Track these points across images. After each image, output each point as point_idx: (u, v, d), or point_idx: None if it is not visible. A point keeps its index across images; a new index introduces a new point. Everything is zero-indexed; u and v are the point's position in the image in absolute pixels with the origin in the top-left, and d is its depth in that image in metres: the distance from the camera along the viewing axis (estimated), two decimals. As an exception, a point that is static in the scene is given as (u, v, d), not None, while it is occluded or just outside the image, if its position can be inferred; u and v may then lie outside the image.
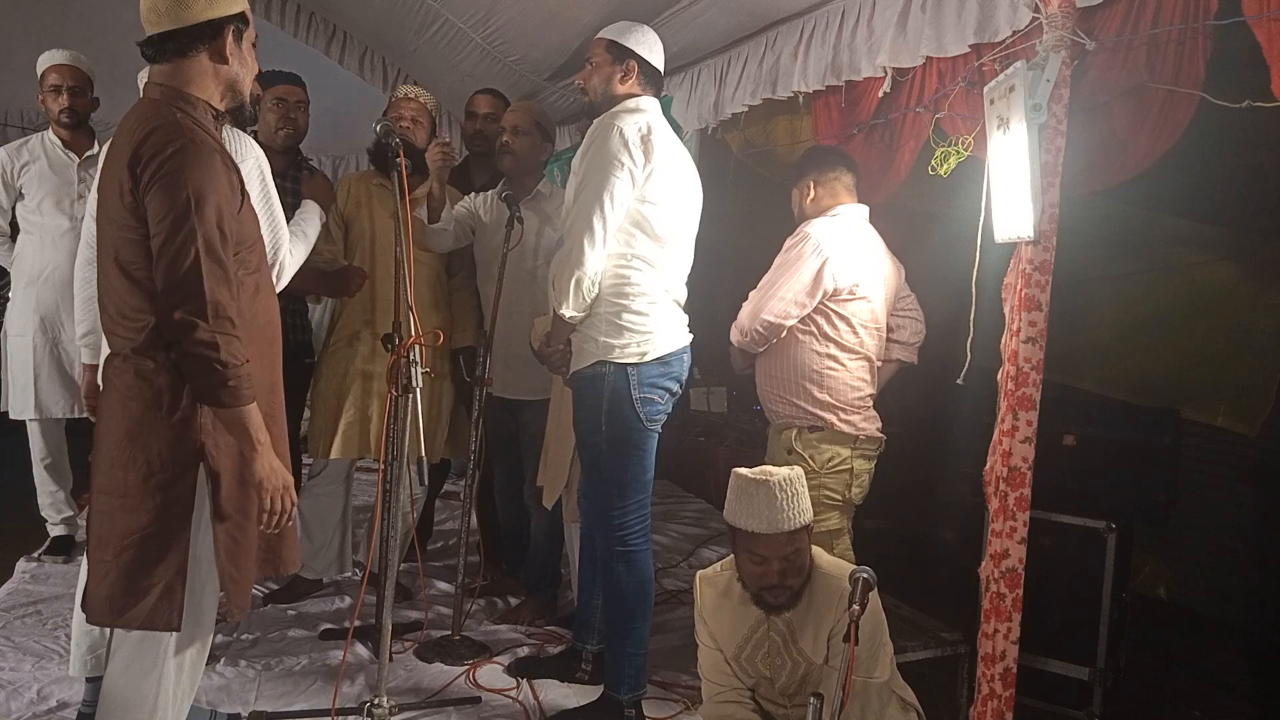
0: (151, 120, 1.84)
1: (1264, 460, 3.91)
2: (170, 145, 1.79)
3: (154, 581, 1.88)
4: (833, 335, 2.81)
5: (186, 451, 1.90)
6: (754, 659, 2.34)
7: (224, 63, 1.91)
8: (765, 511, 2.14)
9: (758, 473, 2.20)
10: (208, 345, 1.80)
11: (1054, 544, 3.06)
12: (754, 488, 2.17)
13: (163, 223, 1.80)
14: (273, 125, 3.33)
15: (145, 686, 1.95)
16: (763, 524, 2.14)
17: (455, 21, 4.22)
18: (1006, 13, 2.24)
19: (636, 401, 2.54)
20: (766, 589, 2.21)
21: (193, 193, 1.79)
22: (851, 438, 2.81)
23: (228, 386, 1.82)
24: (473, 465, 3.19)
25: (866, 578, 2.07)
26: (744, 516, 2.18)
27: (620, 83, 2.60)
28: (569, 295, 2.50)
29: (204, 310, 1.80)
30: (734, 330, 2.93)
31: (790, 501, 2.16)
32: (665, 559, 4.24)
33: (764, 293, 2.82)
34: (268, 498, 1.94)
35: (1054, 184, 2.11)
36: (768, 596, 2.22)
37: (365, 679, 2.83)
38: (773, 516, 2.14)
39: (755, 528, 2.15)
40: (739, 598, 2.31)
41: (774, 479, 2.17)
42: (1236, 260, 3.70)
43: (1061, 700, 3.08)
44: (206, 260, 1.80)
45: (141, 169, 1.80)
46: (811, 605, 2.26)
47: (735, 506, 2.21)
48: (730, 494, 2.23)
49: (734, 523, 2.21)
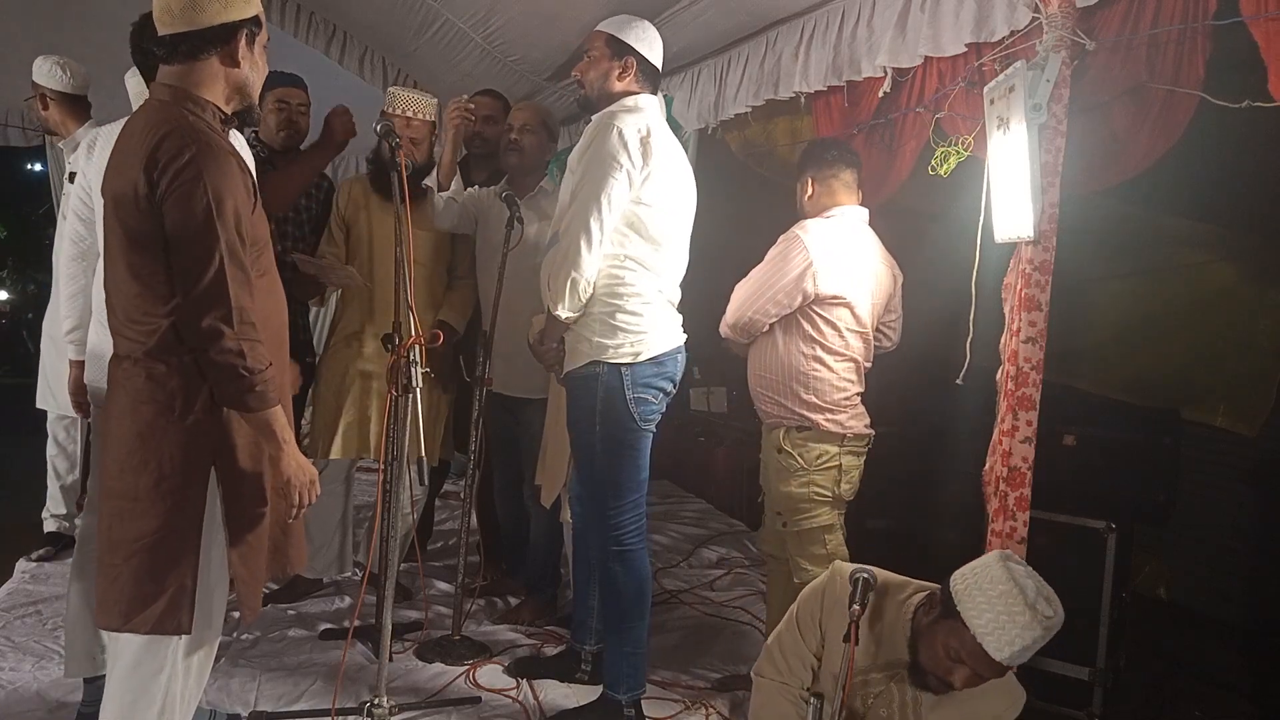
0: (164, 123, 1.82)
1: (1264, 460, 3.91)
2: (187, 150, 1.78)
3: (164, 586, 1.88)
4: (818, 338, 2.81)
5: (198, 455, 1.90)
6: (855, 692, 2.07)
7: (235, 66, 1.90)
8: (1015, 649, 1.79)
9: (1036, 600, 1.80)
10: (234, 353, 1.80)
11: (1054, 544, 3.06)
12: (1021, 609, 1.79)
13: (184, 229, 1.79)
14: (274, 127, 3.33)
15: (154, 688, 1.95)
16: (1002, 655, 1.80)
17: (455, 21, 4.22)
18: (1004, 12, 2.24)
19: (630, 401, 2.54)
20: (936, 679, 1.94)
21: (213, 198, 1.78)
22: (839, 436, 2.81)
23: (255, 391, 1.83)
24: (473, 465, 3.19)
25: (867, 578, 2.06)
26: (987, 631, 1.80)
27: (618, 79, 2.59)
28: (564, 295, 2.50)
29: (229, 317, 1.80)
30: (722, 323, 2.96)
31: (1039, 645, 1.82)
32: (665, 559, 4.24)
33: (747, 288, 2.85)
34: (295, 493, 1.96)
35: (1054, 184, 2.11)
36: (931, 682, 1.96)
37: (365, 679, 2.83)
38: (1016, 656, 1.80)
39: (990, 650, 1.80)
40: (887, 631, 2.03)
41: (1050, 617, 1.80)
42: (1236, 260, 3.70)
43: (1061, 700, 3.08)
44: (230, 266, 1.81)
45: (159, 174, 1.78)
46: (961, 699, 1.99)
47: (985, 613, 1.81)
48: (982, 586, 1.84)
49: (968, 623, 1.82)
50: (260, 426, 1.90)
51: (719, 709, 2.84)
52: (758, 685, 2.24)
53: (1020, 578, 1.83)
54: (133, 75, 2.53)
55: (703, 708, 2.83)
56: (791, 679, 2.16)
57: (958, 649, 1.86)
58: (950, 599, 1.88)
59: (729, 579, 4.07)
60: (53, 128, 3.61)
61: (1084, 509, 3.14)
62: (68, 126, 3.55)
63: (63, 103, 3.52)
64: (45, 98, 3.50)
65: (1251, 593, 3.98)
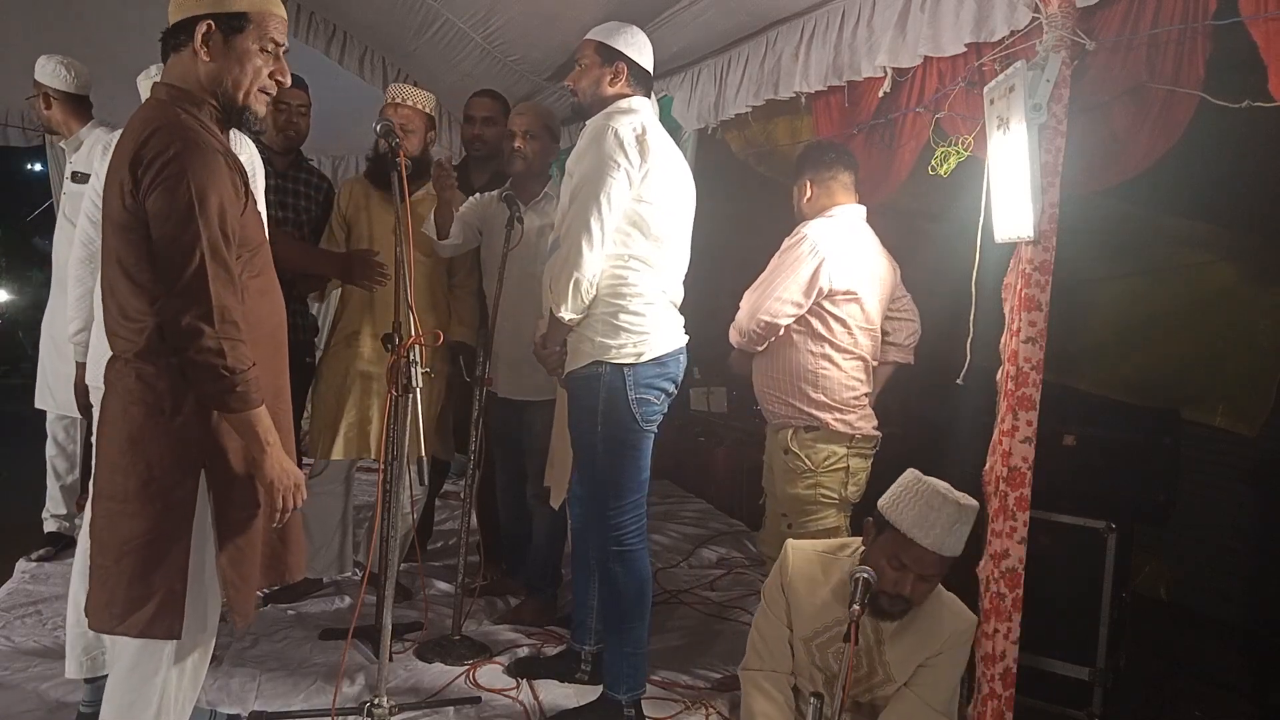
0: (153, 121, 1.83)
1: (1264, 460, 3.91)
2: (171, 146, 1.78)
3: (155, 589, 1.87)
4: (827, 336, 2.81)
5: (188, 457, 1.89)
6: (826, 650, 2.30)
7: (206, 58, 1.88)
8: (938, 530, 2.09)
9: (947, 490, 2.14)
10: (214, 352, 1.79)
11: (1054, 544, 3.06)
12: (939, 502, 2.11)
13: (165, 225, 1.78)
14: (275, 128, 3.33)
15: (149, 691, 1.95)
16: (930, 539, 2.09)
17: (455, 21, 4.22)
18: (1004, 12, 2.24)
19: (633, 402, 2.54)
20: (889, 595, 2.15)
21: (196, 194, 1.77)
22: (847, 437, 2.82)
23: (235, 392, 1.82)
24: (473, 465, 3.19)
25: (867, 578, 2.07)
26: (913, 524, 2.10)
27: (609, 85, 2.61)
28: (567, 297, 2.50)
29: (210, 315, 1.78)
30: (732, 330, 2.93)
31: (962, 530, 2.11)
32: (665, 559, 4.24)
33: (760, 292, 2.83)
34: (279, 497, 1.93)
35: (1054, 184, 2.11)
36: (885, 603, 2.16)
37: (365, 679, 2.83)
38: (942, 537, 2.09)
39: (919, 539, 2.09)
40: (839, 585, 2.27)
41: (963, 503, 2.11)
42: (1236, 260, 3.70)
43: (1061, 700, 3.08)
44: (211, 264, 1.79)
45: (143, 171, 1.78)
46: (915, 627, 2.24)
47: (907, 510, 2.12)
48: (904, 495, 2.16)
49: (896, 523, 2.13)
50: (243, 427, 1.87)
51: (719, 709, 2.84)
52: (744, 679, 2.38)
53: (933, 481, 2.15)
54: (144, 77, 2.54)
55: (703, 708, 2.83)
56: (776, 664, 2.33)
57: (897, 554, 2.12)
58: (881, 518, 2.18)
59: (729, 579, 4.08)
60: (55, 127, 3.61)
61: (1084, 509, 3.14)
62: (70, 126, 3.56)
63: (65, 102, 3.52)
64: (48, 97, 3.51)
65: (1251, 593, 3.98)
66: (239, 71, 1.91)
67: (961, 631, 2.22)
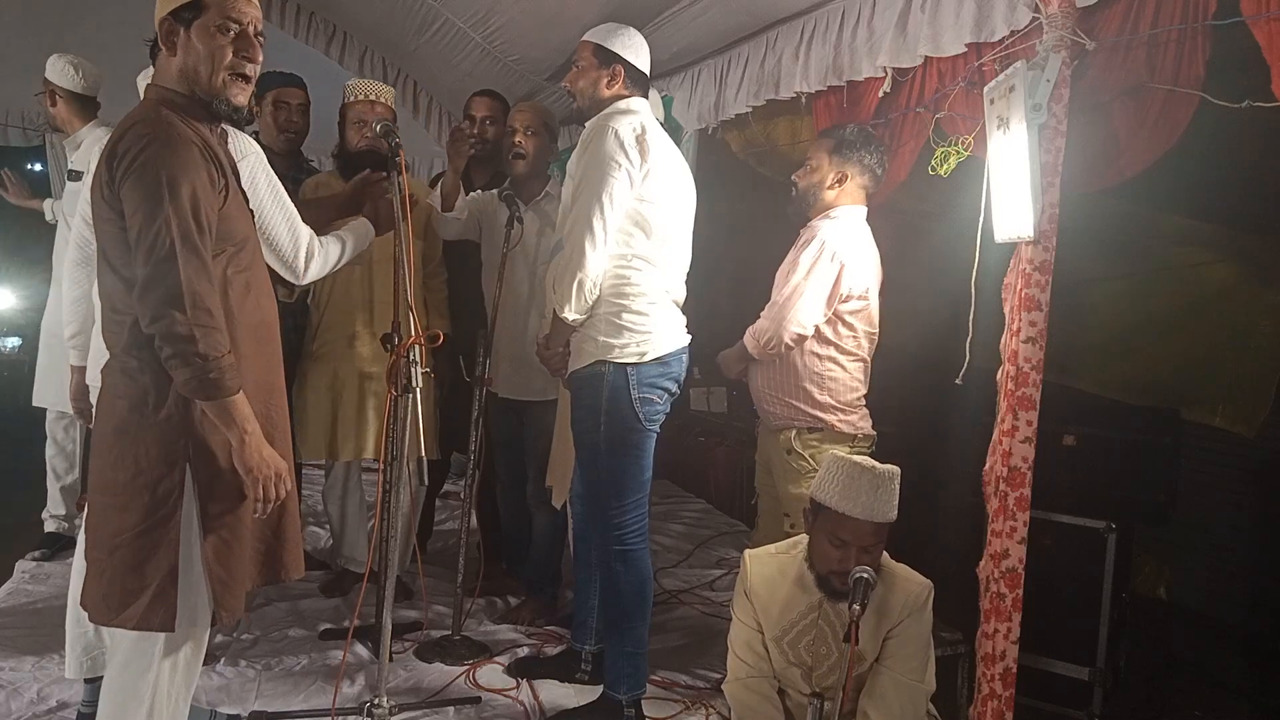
0: (133, 118, 1.86)
1: (1264, 460, 3.91)
2: (143, 139, 1.80)
3: (147, 582, 1.88)
4: (834, 339, 2.80)
5: (173, 451, 1.89)
6: (798, 644, 2.33)
7: (173, 54, 1.90)
8: (863, 498, 2.15)
9: (863, 460, 2.22)
10: (185, 338, 1.78)
11: (1054, 544, 3.06)
12: (858, 473, 2.18)
13: (136, 214, 1.79)
14: (274, 127, 3.33)
15: (141, 686, 1.95)
16: (858, 509, 2.15)
17: (455, 21, 4.22)
18: (1004, 13, 2.24)
19: (635, 401, 2.54)
20: (837, 574, 2.19)
21: (166, 182, 1.78)
22: (850, 437, 2.82)
23: (209, 378, 1.80)
24: (473, 465, 3.18)
25: (867, 578, 2.08)
26: (839, 498, 2.17)
27: (607, 87, 2.61)
28: (571, 297, 2.50)
29: (180, 301, 1.78)
30: (750, 339, 2.88)
31: (888, 495, 2.17)
32: (665, 559, 4.24)
33: (789, 301, 2.77)
34: (259, 486, 1.92)
35: (1054, 184, 2.11)
36: (835, 582, 2.20)
37: (365, 679, 2.83)
38: (869, 504, 2.15)
39: (849, 511, 2.15)
40: (796, 579, 2.31)
41: (879, 469, 2.18)
42: (1236, 260, 3.70)
43: (1061, 700, 3.08)
44: (183, 250, 1.79)
45: (116, 163, 1.80)
46: (873, 604, 2.24)
47: (831, 488, 2.20)
48: (826, 475, 2.24)
49: (826, 502, 2.20)
50: (220, 414, 1.86)
51: (719, 709, 2.83)
52: (730, 690, 2.43)
53: (850, 457, 2.26)
54: (144, 77, 2.55)
55: (703, 708, 2.83)
56: (757, 668, 2.38)
57: (835, 531, 2.19)
58: (814, 503, 2.25)
59: (729, 579, 4.07)
60: (58, 124, 3.62)
61: (1084, 509, 3.14)
62: (73, 125, 3.57)
63: (72, 102, 3.53)
64: (54, 94, 3.52)
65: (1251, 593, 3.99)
66: (200, 57, 1.90)
67: (916, 595, 2.26)
